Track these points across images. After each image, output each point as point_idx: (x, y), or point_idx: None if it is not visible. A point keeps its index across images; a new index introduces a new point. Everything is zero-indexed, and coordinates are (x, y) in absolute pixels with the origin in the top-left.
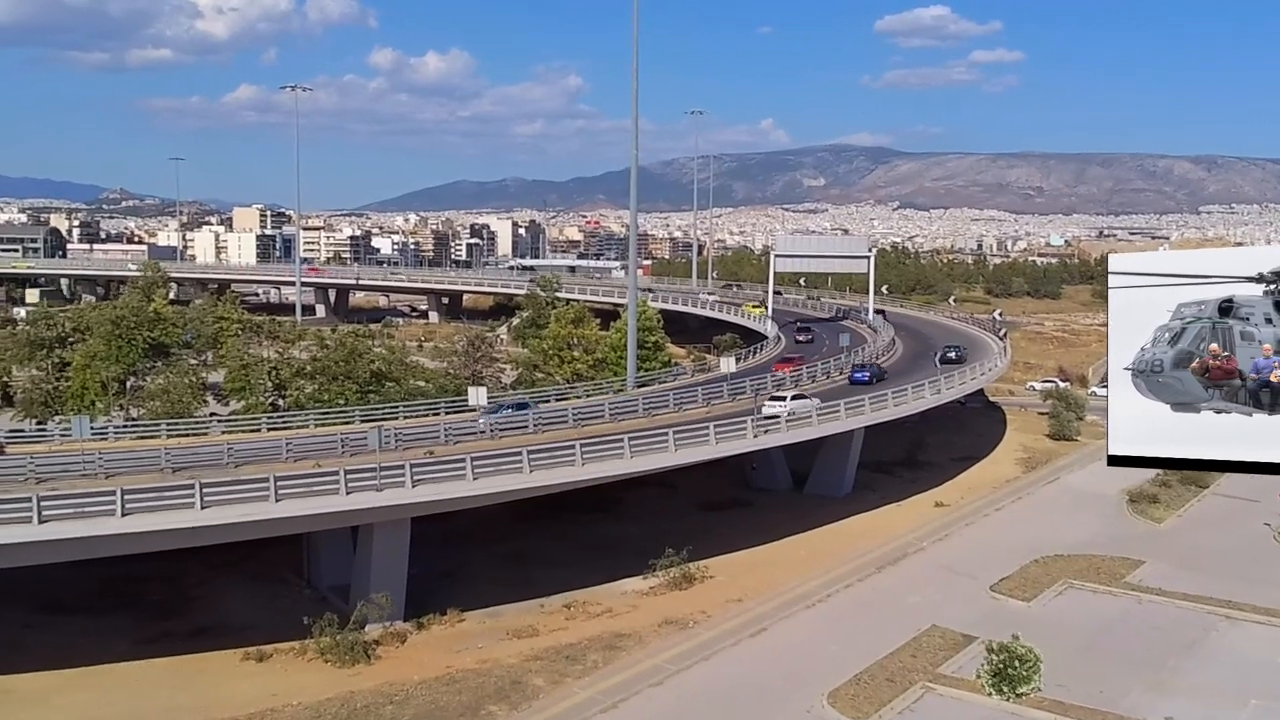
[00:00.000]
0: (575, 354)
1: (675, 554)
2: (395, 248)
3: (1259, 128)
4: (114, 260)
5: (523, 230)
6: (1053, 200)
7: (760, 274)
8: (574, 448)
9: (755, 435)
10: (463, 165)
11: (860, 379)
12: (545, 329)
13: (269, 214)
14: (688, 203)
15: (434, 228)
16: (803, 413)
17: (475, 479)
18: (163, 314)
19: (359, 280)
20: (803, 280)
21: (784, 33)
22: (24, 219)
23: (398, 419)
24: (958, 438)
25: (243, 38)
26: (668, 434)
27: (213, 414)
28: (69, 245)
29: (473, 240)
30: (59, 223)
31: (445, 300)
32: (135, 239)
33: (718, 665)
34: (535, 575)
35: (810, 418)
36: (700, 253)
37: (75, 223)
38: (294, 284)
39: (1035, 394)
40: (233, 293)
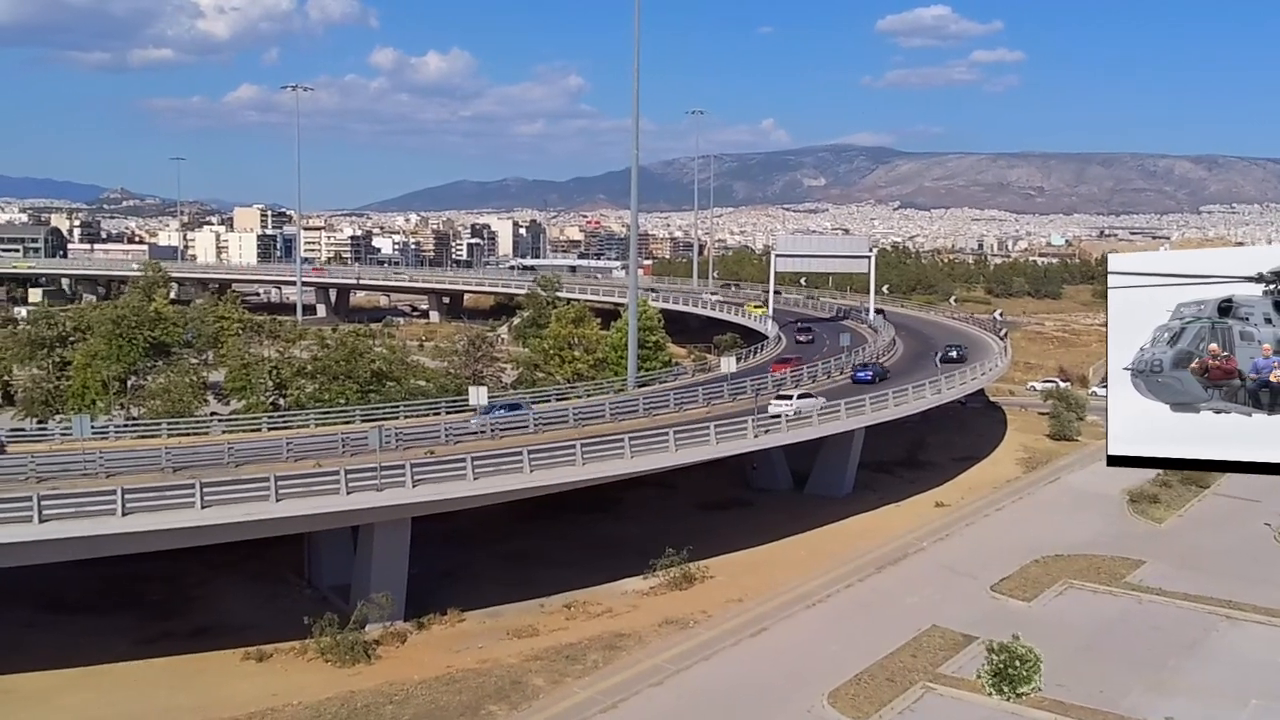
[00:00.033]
0: (576, 354)
1: (675, 554)
2: (396, 248)
3: (1260, 127)
4: (115, 260)
5: (523, 230)
6: (1053, 200)
7: (761, 274)
8: (574, 447)
9: (755, 435)
10: (464, 165)
11: (863, 378)
12: (546, 329)
13: (270, 214)
14: (688, 203)
15: (435, 228)
16: (809, 411)
17: (476, 479)
18: (163, 313)
19: (360, 280)
20: (803, 280)
21: (785, 32)
22: (25, 219)
23: (398, 419)
24: (958, 438)
25: (244, 37)
26: (668, 434)
27: (213, 413)
28: (70, 245)
29: (473, 240)
30: (60, 223)
31: (446, 300)
32: (136, 239)
33: (718, 665)
34: (535, 575)
35: (812, 417)
36: (701, 253)
37: (76, 223)
38: (295, 284)
39: (1036, 394)
40: (233, 292)
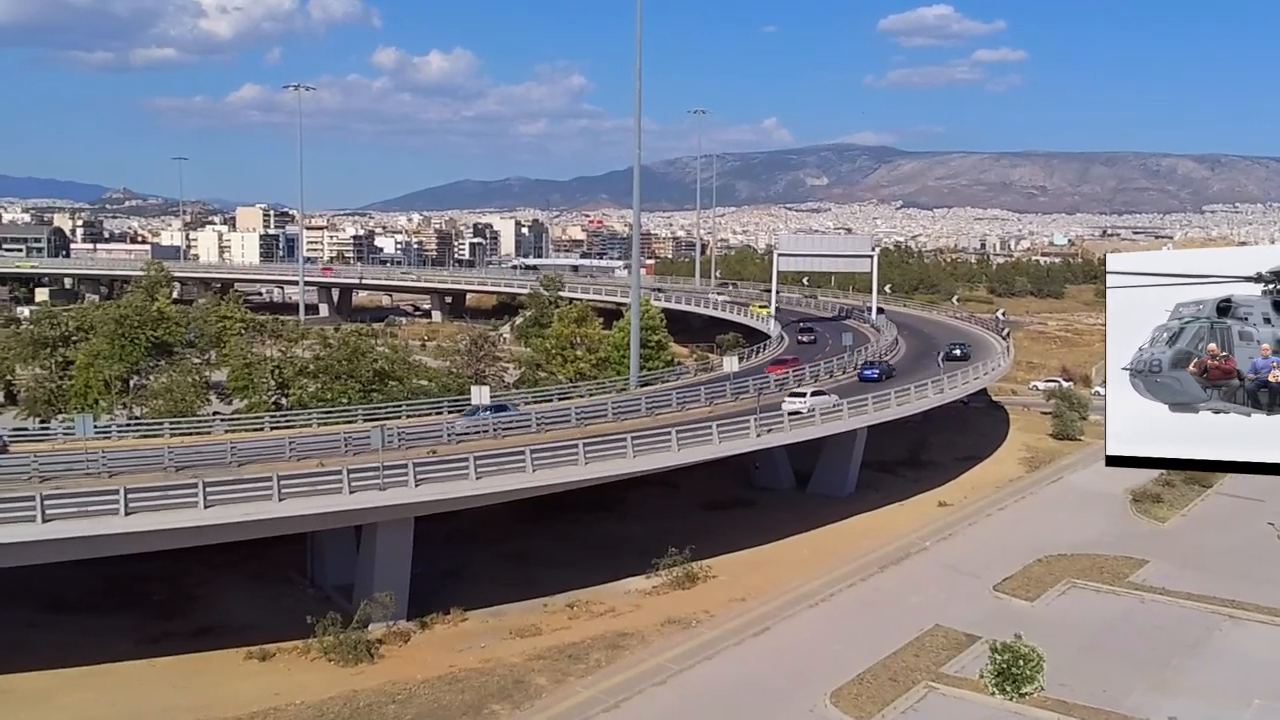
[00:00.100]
0: (578, 353)
1: (678, 553)
2: (398, 247)
3: (1262, 127)
4: (117, 260)
5: (526, 230)
6: (1056, 199)
7: (763, 273)
8: (577, 447)
9: (758, 435)
10: (466, 165)
11: (870, 376)
12: (548, 328)
13: (272, 213)
14: (691, 202)
15: (437, 227)
16: (824, 408)
17: (478, 478)
18: (166, 313)
19: (362, 279)
20: (806, 280)
21: (787, 32)
22: (28, 219)
23: (401, 418)
24: (961, 437)
25: (247, 37)
26: (671, 433)
27: (216, 413)
28: (73, 245)
29: (476, 240)
30: (63, 222)
31: (448, 299)
32: (139, 239)
33: (721, 664)
34: (538, 574)
35: (815, 417)
36: (703, 252)
37: (79, 222)
38: (297, 283)
39: (1038, 394)
40: (236, 292)
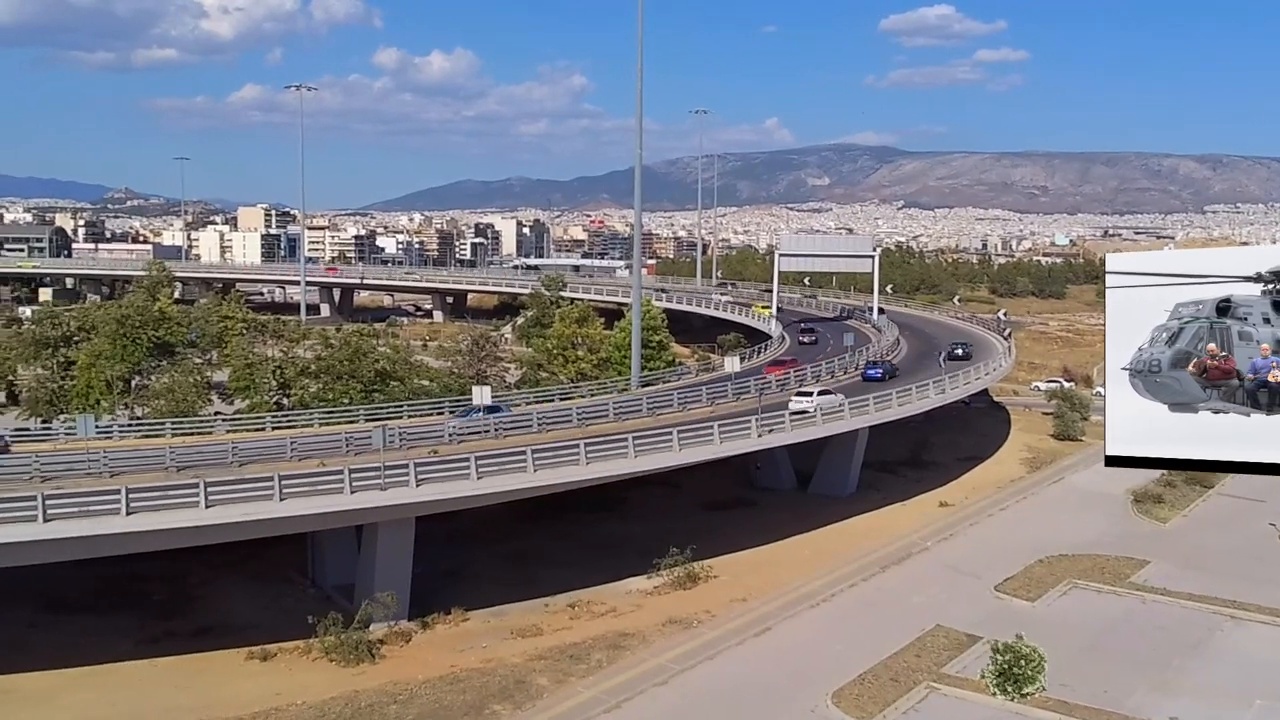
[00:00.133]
0: (579, 353)
1: (679, 553)
2: (400, 247)
3: (1264, 127)
4: (119, 260)
5: (527, 230)
6: (1057, 200)
7: (764, 273)
8: (578, 447)
9: (759, 435)
10: (467, 165)
11: (873, 375)
12: (549, 328)
13: (274, 213)
14: (692, 202)
15: (438, 227)
16: (829, 407)
17: (479, 478)
18: (167, 313)
19: (364, 279)
20: (807, 280)
21: (788, 32)
22: (29, 219)
23: (402, 418)
24: (962, 437)
25: (248, 37)
26: (672, 433)
27: (217, 413)
28: (74, 245)
29: (477, 240)
30: (64, 222)
31: (450, 299)
32: (140, 238)
33: (722, 665)
34: (539, 575)
35: (816, 417)
36: (705, 252)
37: (80, 222)
38: (299, 283)
39: (1040, 394)
40: (237, 292)
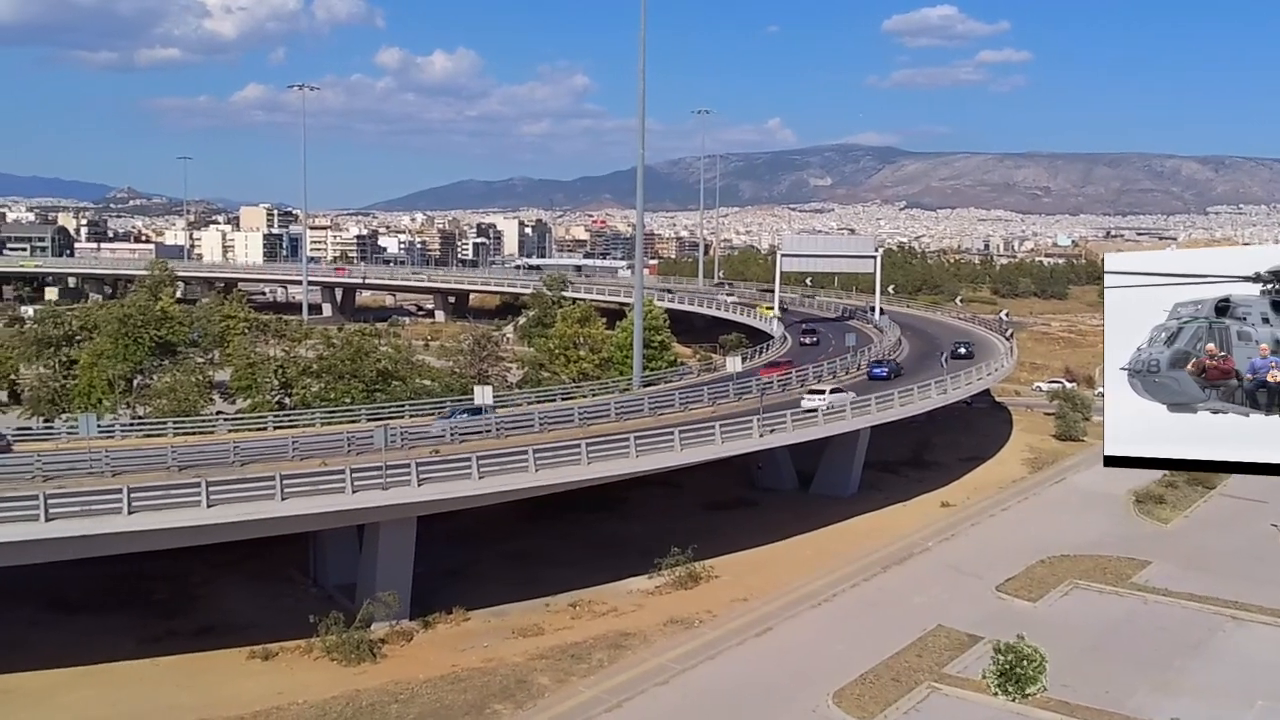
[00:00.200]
0: (581, 353)
1: (681, 553)
2: (402, 247)
3: (1267, 128)
4: (121, 259)
5: (529, 230)
6: (1060, 200)
7: (766, 274)
8: (580, 447)
9: (761, 435)
10: (469, 165)
11: (879, 374)
12: (551, 328)
13: (276, 213)
14: (694, 202)
15: (441, 227)
16: (841, 405)
17: (481, 478)
18: (170, 313)
19: (366, 279)
20: (809, 280)
21: (791, 32)
22: (32, 218)
23: (404, 418)
24: (964, 438)
25: (251, 37)
26: (673, 433)
27: (219, 412)
28: (77, 244)
29: (479, 240)
30: (67, 222)
31: (451, 299)
32: (142, 238)
33: (723, 664)
34: (541, 574)
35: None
36: (706, 252)
37: (83, 222)
38: (301, 283)
39: (1042, 394)
40: (239, 291)
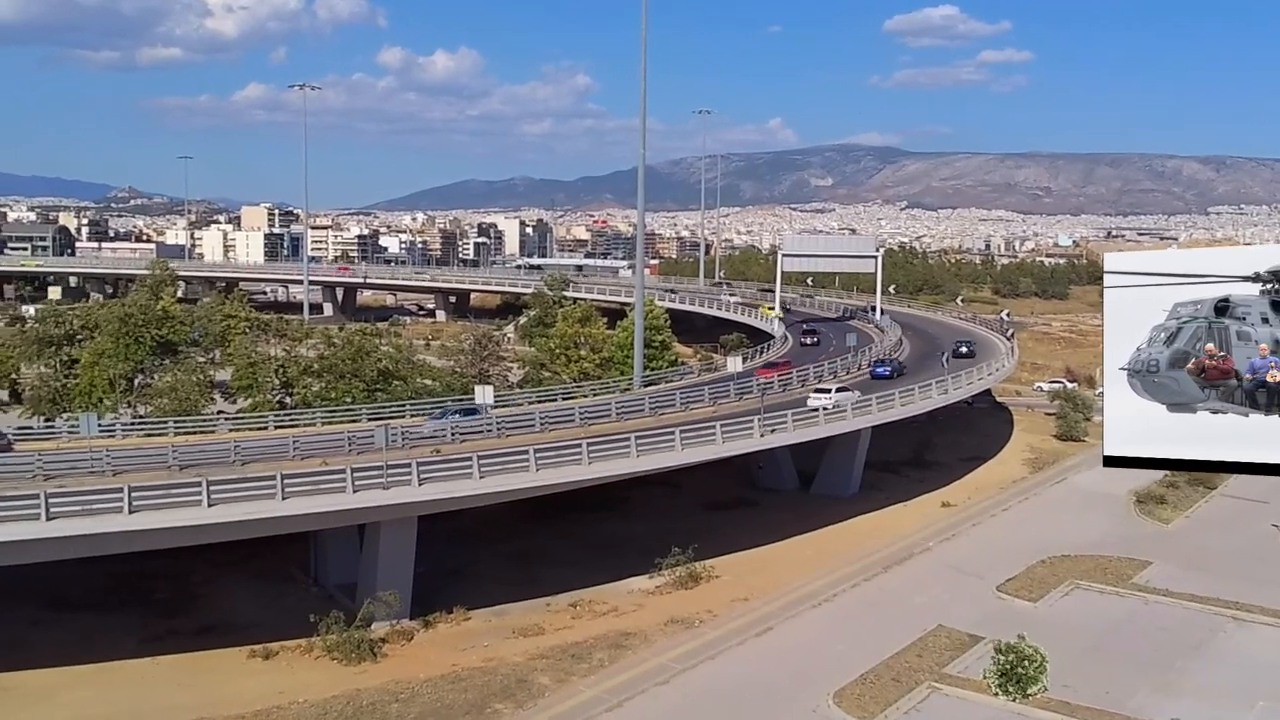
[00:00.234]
0: (582, 353)
1: (681, 553)
2: (403, 247)
3: (1268, 128)
4: (122, 259)
5: (530, 229)
6: (1061, 201)
7: (767, 273)
8: (580, 446)
9: (761, 435)
10: (471, 164)
11: (881, 374)
12: (552, 328)
13: (277, 213)
14: (695, 202)
15: (442, 227)
16: (847, 404)
17: (482, 478)
18: (171, 312)
19: (367, 279)
20: (810, 280)
21: (792, 32)
22: (33, 217)
23: (405, 417)
24: (965, 438)
25: (252, 36)
26: (674, 433)
27: (220, 412)
28: (78, 244)
29: (480, 239)
30: (68, 221)
31: (452, 299)
32: (144, 237)
33: (723, 664)
34: (541, 574)
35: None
36: (708, 252)
37: (84, 221)
38: (301, 282)
39: (1043, 394)
40: (240, 291)
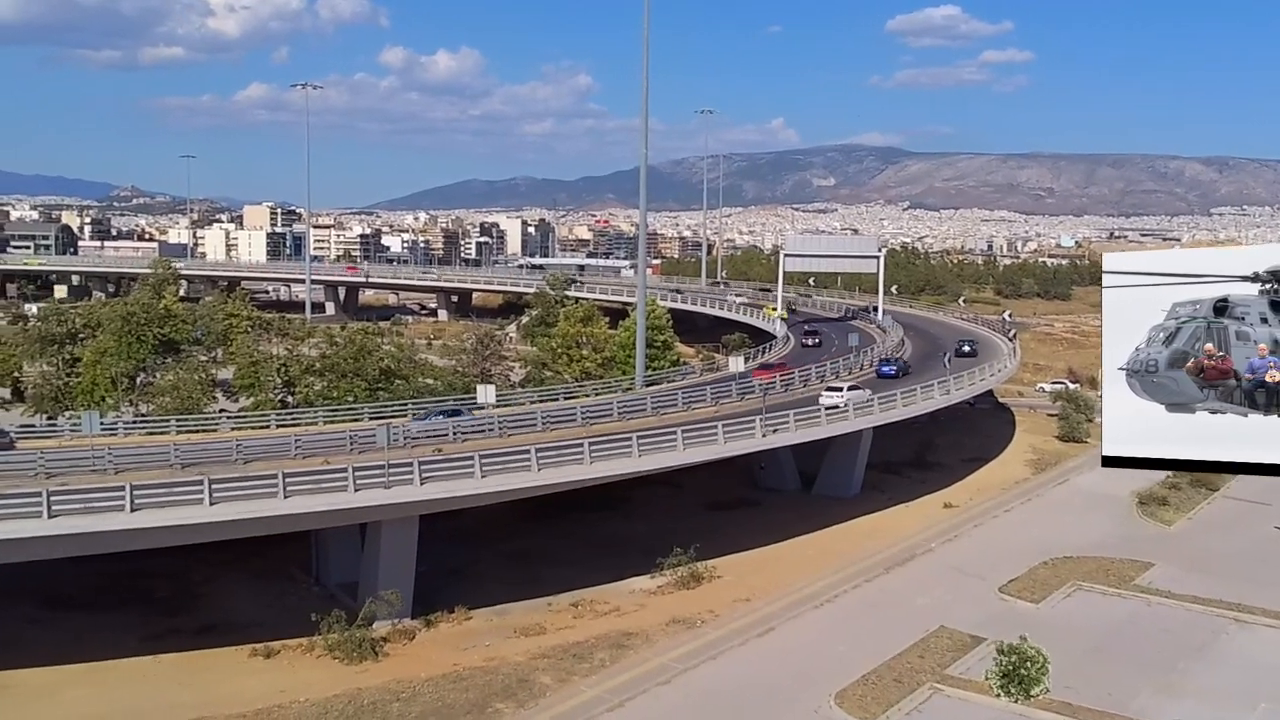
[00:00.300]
0: (584, 352)
1: (683, 553)
2: (405, 246)
3: (1271, 129)
4: (125, 257)
5: (532, 229)
6: (1063, 201)
7: (769, 273)
8: (582, 446)
9: (763, 435)
10: (473, 164)
11: (887, 373)
12: (554, 327)
13: (279, 212)
14: (697, 202)
15: (444, 226)
16: (859, 402)
17: (483, 477)
18: (173, 311)
19: (369, 278)
20: (812, 280)
21: (794, 32)
22: (36, 216)
23: (407, 417)
24: (967, 439)
25: (254, 36)
26: (676, 433)
27: (222, 410)
28: (80, 242)
29: (482, 239)
30: (71, 220)
31: (454, 298)
32: (146, 236)
33: (725, 665)
34: (543, 574)
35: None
36: (710, 252)
37: (87, 220)
38: (303, 281)
39: (1045, 395)
40: (243, 290)
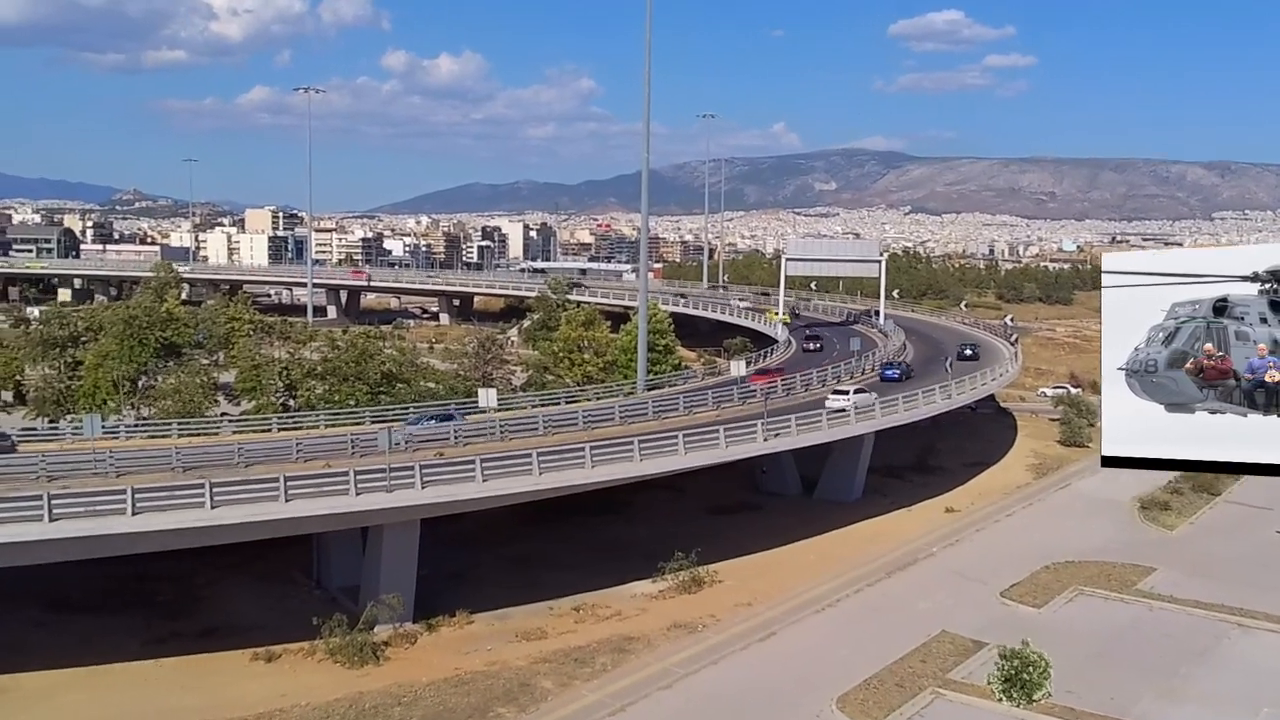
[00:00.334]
0: (586, 356)
1: (684, 557)
2: (407, 249)
3: (1272, 133)
4: (127, 261)
5: (534, 233)
6: (1065, 205)
7: (771, 278)
8: (583, 450)
9: (765, 439)
10: (475, 168)
11: (891, 376)
12: (556, 331)
13: (281, 215)
14: (699, 206)
15: (446, 230)
16: (865, 406)
17: (485, 480)
18: (175, 314)
19: (371, 282)
20: (813, 284)
21: (796, 36)
22: (38, 219)
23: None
24: (969, 443)
25: (257, 39)
26: (677, 437)
27: (224, 414)
28: (83, 246)
29: (484, 242)
30: (73, 223)
31: (456, 302)
32: (148, 239)
33: (727, 669)
34: (544, 578)
35: (822, 422)
36: (711, 256)
37: (89, 223)
38: (305, 285)
39: (1047, 400)
40: (244, 293)
